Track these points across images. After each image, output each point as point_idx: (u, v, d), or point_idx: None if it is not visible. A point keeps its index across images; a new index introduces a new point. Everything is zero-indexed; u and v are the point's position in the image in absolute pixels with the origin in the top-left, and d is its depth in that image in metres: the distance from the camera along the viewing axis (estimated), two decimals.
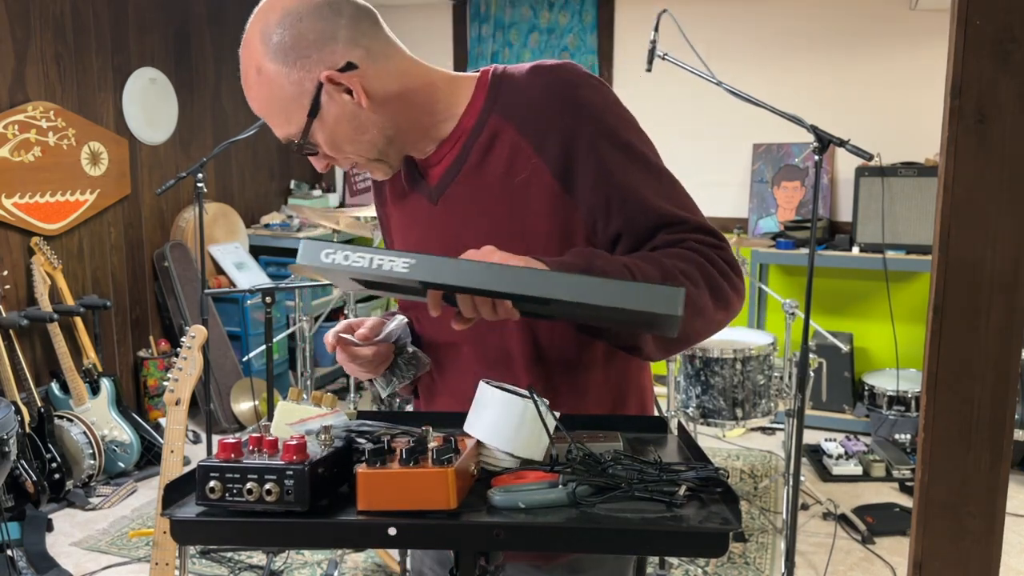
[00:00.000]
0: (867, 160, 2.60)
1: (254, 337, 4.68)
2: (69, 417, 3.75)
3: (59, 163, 4.02)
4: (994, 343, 1.05)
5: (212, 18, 4.89)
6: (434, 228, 1.28)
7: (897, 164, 4.34)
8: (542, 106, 1.19)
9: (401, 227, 1.36)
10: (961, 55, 1.02)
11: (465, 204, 1.25)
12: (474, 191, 1.24)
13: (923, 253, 4.23)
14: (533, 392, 1.03)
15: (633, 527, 0.90)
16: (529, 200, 1.20)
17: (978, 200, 1.04)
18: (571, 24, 5.15)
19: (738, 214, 4.92)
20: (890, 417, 4.21)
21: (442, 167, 1.27)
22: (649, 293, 0.92)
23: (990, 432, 1.06)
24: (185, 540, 0.96)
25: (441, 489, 0.90)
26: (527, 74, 1.23)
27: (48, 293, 3.82)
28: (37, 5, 3.90)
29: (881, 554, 3.20)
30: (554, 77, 1.21)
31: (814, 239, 2.64)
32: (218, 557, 3.15)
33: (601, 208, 1.19)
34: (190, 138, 4.83)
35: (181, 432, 2.24)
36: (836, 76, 4.66)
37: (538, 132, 1.19)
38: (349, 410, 1.19)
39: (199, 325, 2.29)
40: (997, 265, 1.04)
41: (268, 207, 5.47)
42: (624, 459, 1.01)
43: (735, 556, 3.18)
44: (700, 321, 1.13)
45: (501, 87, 1.24)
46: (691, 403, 3.33)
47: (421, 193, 1.30)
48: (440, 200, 1.27)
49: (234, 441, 0.94)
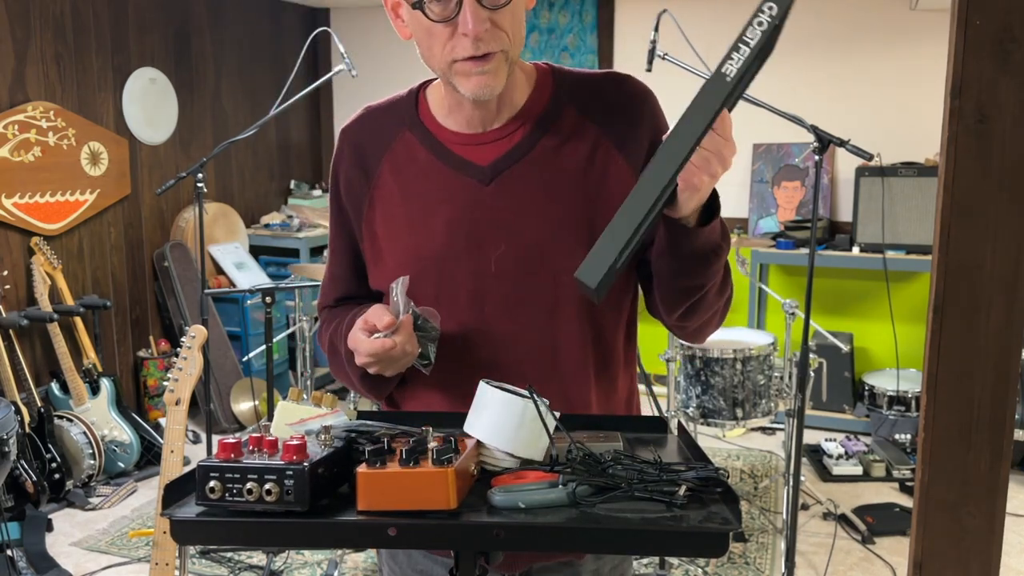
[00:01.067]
0: (867, 160, 2.60)
1: (254, 337, 4.68)
2: (69, 417, 3.75)
3: (59, 163, 4.02)
4: (994, 343, 1.05)
5: (212, 18, 4.89)
6: (485, 209, 1.25)
7: (897, 164, 4.34)
8: (624, 109, 1.28)
9: (416, 208, 1.28)
10: (961, 55, 1.02)
11: (531, 188, 1.24)
12: (544, 176, 1.24)
13: (923, 253, 4.23)
14: (533, 392, 1.03)
15: (633, 527, 0.90)
16: (606, 193, 1.25)
17: (978, 200, 1.04)
18: (571, 24, 5.15)
19: (738, 214, 4.92)
20: (890, 417, 4.21)
21: (500, 148, 1.26)
22: None
23: (990, 432, 1.07)
24: (185, 540, 0.96)
25: (441, 489, 0.90)
26: (602, 78, 1.31)
27: (48, 293, 3.82)
28: (37, 5, 3.90)
29: (881, 554, 3.20)
30: (635, 86, 1.30)
31: (814, 239, 2.64)
32: (218, 557, 3.15)
33: None
34: (190, 138, 4.83)
35: (181, 432, 2.24)
36: (836, 76, 4.66)
37: (620, 132, 1.26)
38: (349, 410, 1.19)
39: (199, 325, 2.29)
40: (997, 265, 1.04)
41: (268, 207, 5.47)
42: (624, 459, 1.01)
43: (735, 556, 3.18)
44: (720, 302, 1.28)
45: (566, 83, 1.29)
46: (691, 403, 3.33)
47: (464, 173, 1.26)
48: (495, 181, 1.25)
49: (234, 441, 0.94)
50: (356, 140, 1.34)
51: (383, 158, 1.31)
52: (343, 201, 1.35)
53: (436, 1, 1.13)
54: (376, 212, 1.31)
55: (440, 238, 1.26)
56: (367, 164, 1.32)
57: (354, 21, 5.55)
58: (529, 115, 1.27)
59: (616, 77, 1.31)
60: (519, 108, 1.27)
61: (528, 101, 1.27)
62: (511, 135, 1.26)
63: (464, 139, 1.27)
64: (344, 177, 1.34)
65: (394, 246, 1.30)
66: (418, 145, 1.29)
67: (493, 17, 1.14)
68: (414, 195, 1.28)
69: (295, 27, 5.52)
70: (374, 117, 1.35)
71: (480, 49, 1.14)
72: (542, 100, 1.28)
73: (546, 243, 1.24)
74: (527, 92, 1.28)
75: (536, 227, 1.24)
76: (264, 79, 5.29)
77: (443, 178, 1.27)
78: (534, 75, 1.30)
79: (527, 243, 1.24)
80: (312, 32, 3.62)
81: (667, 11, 2.89)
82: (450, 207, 1.26)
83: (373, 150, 1.32)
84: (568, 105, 1.27)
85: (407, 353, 1.18)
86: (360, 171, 1.32)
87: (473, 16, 1.12)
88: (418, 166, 1.28)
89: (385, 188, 1.31)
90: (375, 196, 1.31)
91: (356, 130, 1.35)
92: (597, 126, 1.26)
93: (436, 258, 1.26)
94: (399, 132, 1.31)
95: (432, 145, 1.28)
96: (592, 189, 1.25)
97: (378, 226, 1.31)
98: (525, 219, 1.24)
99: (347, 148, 1.34)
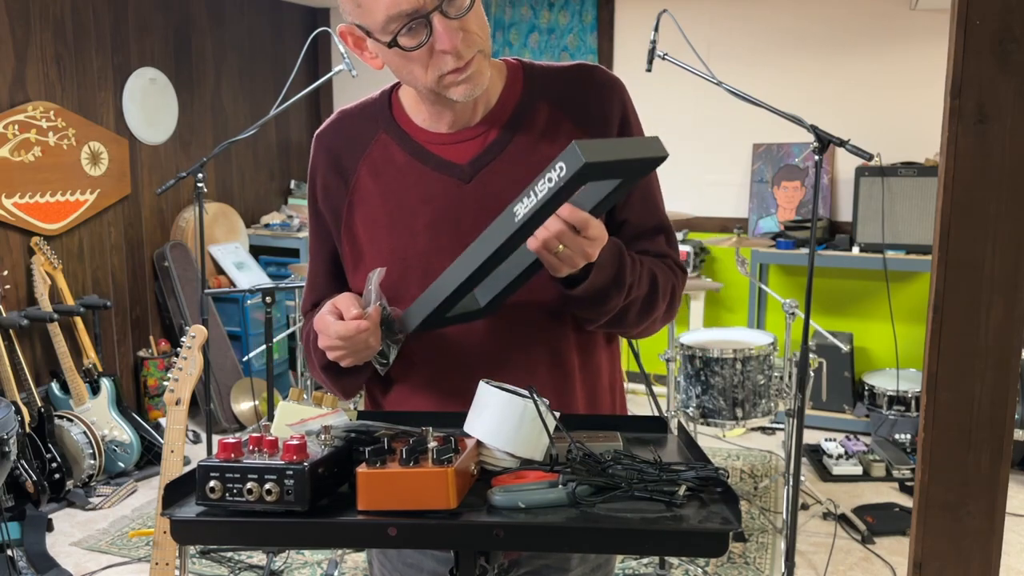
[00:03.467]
0: (867, 160, 2.60)
1: (254, 337, 4.68)
2: (69, 417, 3.75)
3: (59, 163, 4.02)
4: (994, 343, 1.05)
5: (212, 18, 4.89)
6: (466, 208, 1.25)
7: (897, 164, 4.34)
8: (595, 100, 1.29)
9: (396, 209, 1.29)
10: (961, 55, 1.02)
11: (510, 184, 1.24)
12: (522, 172, 1.24)
13: (923, 253, 4.23)
14: (533, 392, 1.04)
15: (633, 527, 0.90)
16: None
17: (978, 200, 1.04)
18: (571, 24, 5.15)
19: (738, 214, 4.92)
20: (890, 417, 4.21)
21: (477, 146, 1.26)
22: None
23: (990, 432, 1.06)
24: (185, 540, 0.96)
25: (441, 489, 0.90)
26: (571, 70, 1.31)
27: (48, 293, 3.82)
28: (37, 5, 3.90)
29: (881, 554, 3.20)
30: (603, 76, 1.31)
31: (814, 239, 2.64)
32: (218, 557, 3.15)
33: (629, 199, 1.30)
34: (190, 138, 4.83)
35: (181, 432, 2.24)
36: (836, 76, 4.66)
37: (592, 124, 1.28)
38: (349, 410, 1.19)
39: (199, 325, 2.29)
40: (997, 265, 1.04)
41: (268, 207, 5.47)
42: (624, 459, 1.01)
43: (735, 556, 3.18)
44: (648, 319, 1.31)
45: (536, 77, 1.30)
46: (691, 403, 3.33)
47: (443, 172, 1.27)
48: (475, 179, 1.26)
49: (234, 441, 0.94)
50: (331, 145, 1.34)
51: (360, 161, 1.31)
52: (320, 206, 1.35)
53: (405, 35, 1.13)
54: (356, 215, 1.31)
55: (422, 238, 1.26)
56: (344, 168, 1.32)
57: None
58: (503, 111, 1.28)
59: (584, 67, 1.32)
60: (492, 105, 1.28)
61: (501, 97, 1.28)
62: (486, 132, 1.27)
63: (441, 139, 1.28)
64: (321, 183, 1.34)
65: (376, 248, 1.30)
66: (395, 146, 1.29)
67: (462, 24, 1.15)
68: (394, 196, 1.28)
69: (295, 27, 5.52)
70: (348, 121, 1.35)
71: (463, 59, 1.16)
72: (514, 95, 1.28)
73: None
74: (499, 88, 1.29)
75: None
76: (264, 79, 5.29)
77: (423, 178, 1.27)
78: (504, 71, 1.30)
79: None
80: (312, 32, 3.62)
81: (667, 11, 2.89)
82: (431, 207, 1.26)
83: (349, 154, 1.32)
84: (540, 99, 1.28)
85: (369, 346, 1.17)
86: (337, 176, 1.32)
87: (447, 32, 1.13)
88: (396, 167, 1.29)
89: (364, 191, 1.30)
90: (354, 200, 1.31)
91: (331, 135, 1.35)
92: (570, 120, 1.28)
93: (419, 258, 1.26)
94: (375, 134, 1.31)
95: (409, 146, 1.29)
96: None
97: (358, 229, 1.31)
98: None
99: (322, 154, 1.34)
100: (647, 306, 1.28)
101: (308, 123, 5.73)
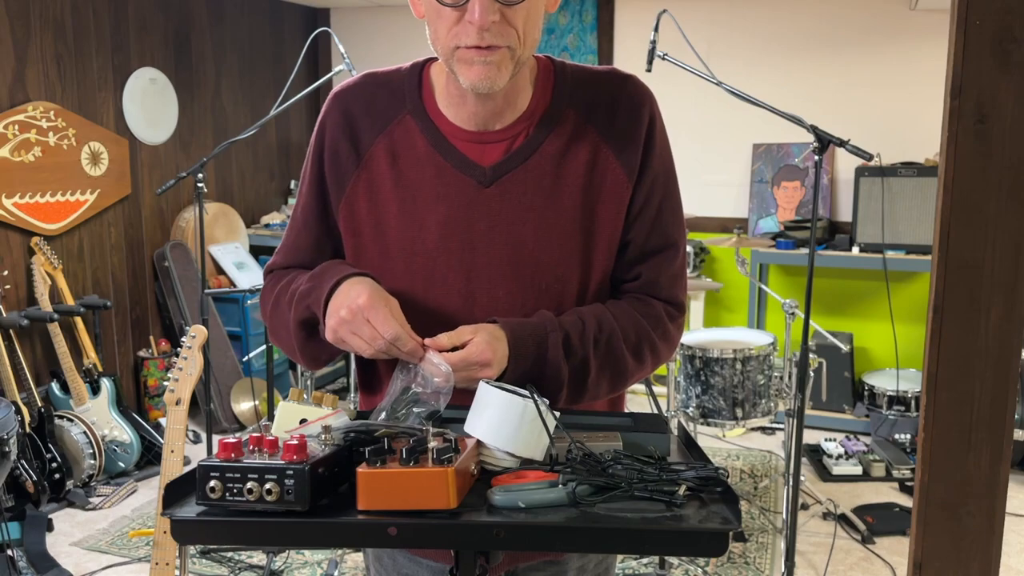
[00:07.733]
0: (867, 160, 2.60)
1: (254, 337, 4.68)
2: (69, 417, 3.75)
3: (59, 163, 4.02)
4: (994, 343, 1.05)
5: (212, 18, 4.89)
6: (480, 212, 1.23)
7: (897, 164, 4.34)
8: (625, 113, 1.26)
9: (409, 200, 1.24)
10: (961, 55, 1.02)
11: (530, 193, 1.23)
12: (544, 183, 1.23)
13: (923, 253, 4.23)
14: (533, 392, 1.04)
15: (633, 527, 0.90)
16: (602, 200, 1.25)
17: (978, 200, 1.04)
18: (571, 24, 5.15)
19: (738, 214, 4.92)
20: (890, 417, 4.21)
21: (502, 149, 1.24)
22: None
23: (990, 432, 1.06)
24: (185, 540, 0.96)
25: (441, 489, 0.90)
26: (604, 77, 1.28)
27: (48, 293, 3.82)
28: (37, 5, 3.90)
29: (881, 554, 3.20)
30: (637, 88, 1.28)
31: (814, 239, 2.64)
32: (218, 557, 3.15)
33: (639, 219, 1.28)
34: (190, 138, 4.83)
35: (181, 432, 2.24)
36: (836, 76, 4.66)
37: (619, 138, 1.26)
38: (349, 410, 1.19)
39: (199, 325, 2.29)
40: (997, 265, 1.04)
41: (268, 207, 5.47)
42: (624, 459, 1.01)
43: (735, 556, 3.18)
44: (622, 380, 1.29)
45: (567, 80, 1.27)
46: (691, 403, 3.33)
47: (464, 172, 1.23)
48: (494, 184, 1.23)
49: (234, 441, 0.94)
50: (349, 108, 1.28)
51: (378, 137, 1.26)
52: (325, 169, 1.28)
53: None
54: (361, 191, 1.26)
55: (433, 236, 1.24)
56: (358, 137, 1.26)
57: (354, 21, 5.55)
58: (532, 117, 1.25)
59: (617, 76, 1.29)
60: (523, 111, 1.25)
61: (531, 102, 1.25)
62: (514, 137, 1.24)
63: (467, 136, 1.24)
64: (330, 145, 1.28)
65: (381, 235, 1.26)
66: (419, 133, 1.25)
67: (505, 12, 1.11)
68: (409, 185, 1.25)
69: (295, 27, 5.52)
70: (373, 89, 1.28)
71: (485, 40, 1.11)
72: (544, 101, 1.26)
73: (540, 249, 1.23)
74: (529, 92, 1.26)
75: (532, 233, 1.23)
76: (264, 79, 5.29)
77: (441, 173, 1.24)
78: (536, 72, 1.27)
79: (522, 248, 1.23)
80: (312, 32, 3.62)
81: (667, 11, 2.89)
82: (447, 205, 1.23)
83: (368, 124, 1.26)
84: (570, 107, 1.26)
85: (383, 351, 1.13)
86: (349, 143, 1.26)
87: (482, 7, 1.09)
88: (416, 155, 1.25)
89: (377, 170, 1.26)
90: (363, 176, 1.26)
91: (352, 96, 1.28)
92: (598, 132, 1.25)
93: (426, 255, 1.24)
94: (399, 114, 1.26)
95: (433, 136, 1.25)
96: (589, 197, 1.25)
97: (362, 208, 1.26)
98: (522, 224, 1.23)
99: (339, 115, 1.28)
100: (616, 382, 1.27)
101: (308, 123, 5.73)
